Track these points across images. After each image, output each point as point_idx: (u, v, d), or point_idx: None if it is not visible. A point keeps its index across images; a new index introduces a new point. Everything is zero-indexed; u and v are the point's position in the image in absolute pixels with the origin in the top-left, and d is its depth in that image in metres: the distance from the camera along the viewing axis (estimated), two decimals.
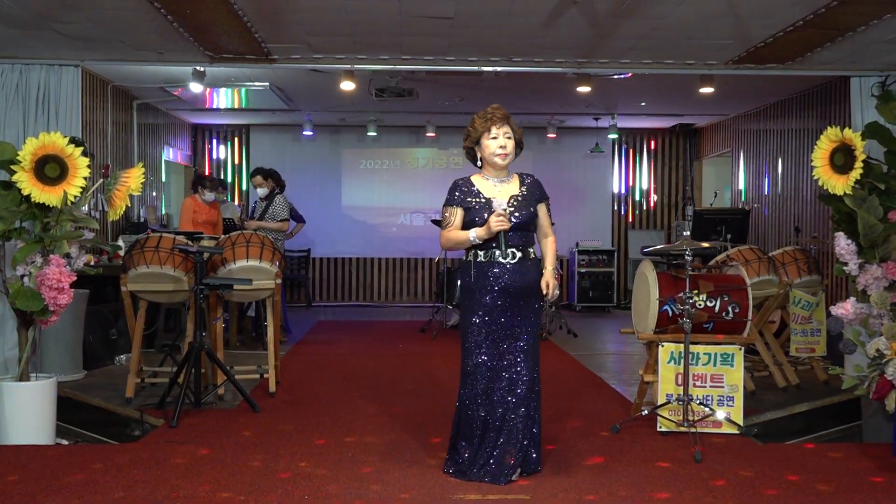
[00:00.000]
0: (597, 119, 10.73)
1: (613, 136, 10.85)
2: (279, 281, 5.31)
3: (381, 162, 11.65)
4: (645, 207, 11.93)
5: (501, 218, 3.35)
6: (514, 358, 3.42)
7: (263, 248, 5.22)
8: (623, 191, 11.89)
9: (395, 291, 11.74)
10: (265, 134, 11.59)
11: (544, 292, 3.43)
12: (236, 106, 9.97)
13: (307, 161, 11.57)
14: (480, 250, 3.44)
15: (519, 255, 3.43)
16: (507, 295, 3.41)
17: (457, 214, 3.45)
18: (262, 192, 7.65)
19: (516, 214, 3.42)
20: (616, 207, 11.88)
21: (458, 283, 3.72)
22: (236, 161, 11.67)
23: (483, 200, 3.45)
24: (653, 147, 11.94)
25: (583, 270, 11.07)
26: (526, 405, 3.42)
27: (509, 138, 3.45)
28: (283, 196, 7.69)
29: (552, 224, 3.61)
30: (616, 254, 11.30)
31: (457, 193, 3.48)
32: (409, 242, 11.48)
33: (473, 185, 3.51)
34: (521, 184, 3.53)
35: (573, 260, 11.18)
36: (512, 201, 3.43)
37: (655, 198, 11.91)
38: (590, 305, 11.08)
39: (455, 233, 3.42)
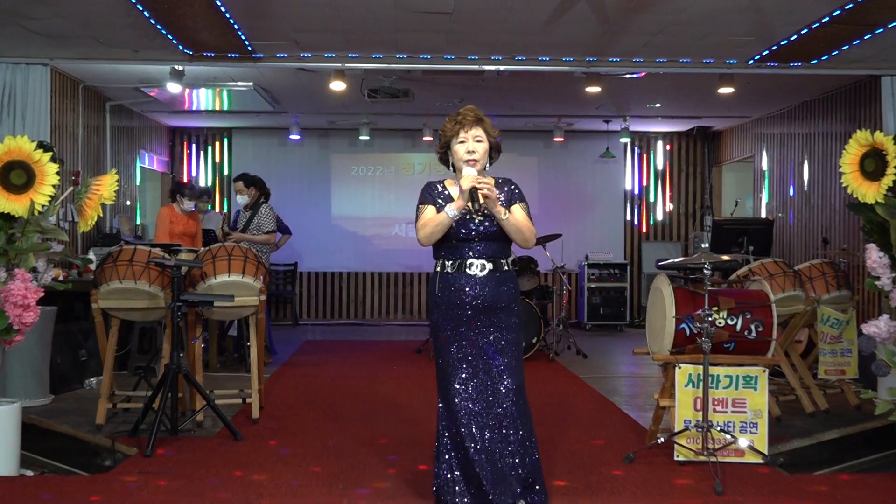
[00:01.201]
0: (607, 122, 10.77)
1: (625, 139, 10.90)
2: (263, 297, 5.30)
3: (374, 168, 11.68)
4: (660, 217, 11.95)
5: (471, 172, 3.37)
6: (496, 380, 3.40)
7: (246, 262, 5.23)
8: (636, 199, 11.92)
9: (389, 309, 11.74)
10: (249, 138, 11.63)
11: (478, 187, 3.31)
12: (217, 108, 10.01)
13: (294, 167, 11.60)
14: (448, 260, 3.45)
15: (490, 266, 3.43)
16: (477, 310, 3.41)
17: (430, 210, 3.46)
18: (244, 200, 7.66)
19: (486, 224, 3.43)
20: (629, 217, 11.90)
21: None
22: (217, 167, 11.69)
23: None
24: (668, 152, 11.98)
25: (593, 286, 11.07)
26: (515, 430, 3.39)
27: (479, 142, 3.46)
28: (268, 205, 7.70)
29: (531, 220, 3.54)
30: (629, 268, 11.32)
31: (428, 193, 3.52)
32: (404, 255, 11.49)
33: (446, 189, 3.54)
34: (499, 190, 3.53)
35: (582, 274, 11.19)
36: (484, 208, 3.45)
37: (671, 207, 11.94)
38: (600, 324, 11.08)
39: (430, 218, 3.42)
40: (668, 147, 11.98)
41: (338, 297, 11.74)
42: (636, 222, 11.92)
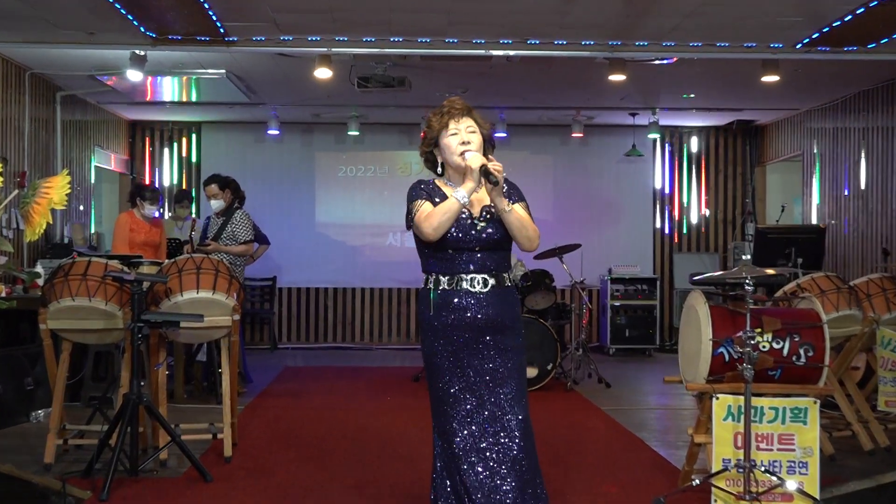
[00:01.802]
0: (634, 115, 10.80)
1: (654, 135, 10.93)
2: (237, 317, 5.31)
3: (365, 168, 11.72)
4: (694, 224, 11.97)
5: (470, 151, 3.40)
6: (504, 412, 3.41)
7: (218, 276, 5.24)
8: (667, 204, 11.94)
9: (381, 330, 11.75)
10: (220, 133, 11.67)
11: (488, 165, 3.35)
12: (184, 99, 10.04)
13: (272, 167, 11.63)
14: (443, 275, 3.46)
15: (491, 281, 3.45)
16: (477, 331, 3.43)
17: (428, 205, 3.47)
18: (217, 205, 7.68)
19: (489, 230, 3.45)
20: (658, 225, 11.92)
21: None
22: (185, 167, 11.73)
23: None
24: (704, 150, 12.00)
25: (617, 304, 11.08)
26: (525, 470, 3.39)
27: (473, 132, 3.49)
28: (244, 211, 7.72)
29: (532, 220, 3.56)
30: (659, 283, 11.32)
31: (421, 190, 3.54)
32: (399, 269, 11.52)
33: (439, 188, 3.56)
34: None
35: (605, 291, 11.20)
36: (484, 213, 3.47)
37: (707, 213, 11.96)
38: (626, 348, 11.08)
39: (437, 208, 3.42)
40: (703, 144, 12.00)
41: (322, 317, 11.76)
42: (667, 231, 11.93)
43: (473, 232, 3.43)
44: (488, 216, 3.46)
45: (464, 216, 3.43)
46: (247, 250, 7.62)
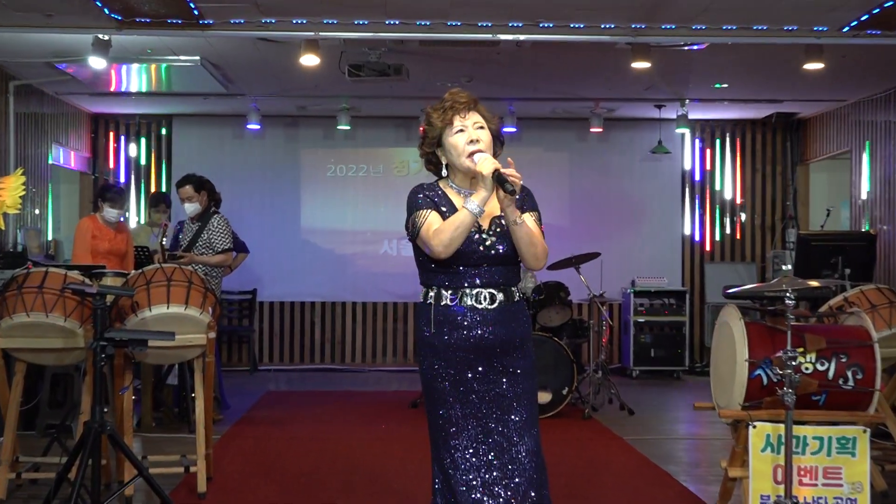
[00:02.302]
0: (660, 107, 10.82)
1: (683, 130, 10.93)
2: (213, 335, 5.32)
3: (357, 167, 11.73)
4: (728, 231, 11.97)
5: (486, 155, 3.38)
6: (513, 442, 3.42)
7: (191, 289, 5.25)
8: (697, 208, 11.95)
9: (375, 350, 11.75)
10: (194, 128, 11.69)
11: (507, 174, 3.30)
12: (153, 89, 10.06)
13: (252, 166, 11.65)
14: (446, 289, 3.46)
15: (499, 296, 3.46)
16: (483, 352, 3.43)
17: (434, 216, 3.45)
18: (192, 209, 7.68)
19: (498, 247, 3.45)
20: (688, 231, 11.92)
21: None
22: (154, 165, 11.74)
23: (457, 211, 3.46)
24: (739, 146, 12.02)
25: (641, 320, 11.08)
26: None
27: (481, 128, 3.48)
28: (221, 216, 7.73)
29: (542, 235, 3.54)
30: (688, 296, 11.32)
31: (423, 196, 3.51)
32: (395, 281, 11.52)
33: (440, 190, 3.55)
34: None
35: (627, 306, 11.20)
36: (494, 227, 3.47)
37: (743, 217, 11.96)
38: (651, 370, 11.07)
39: (447, 222, 3.39)
40: (738, 140, 12.01)
41: (309, 335, 11.75)
42: (697, 238, 11.93)
43: (481, 248, 3.43)
44: (499, 230, 3.46)
45: (472, 230, 3.41)
46: (224, 260, 7.62)
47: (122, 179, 11.62)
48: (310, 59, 7.49)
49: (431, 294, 3.51)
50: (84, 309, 5.07)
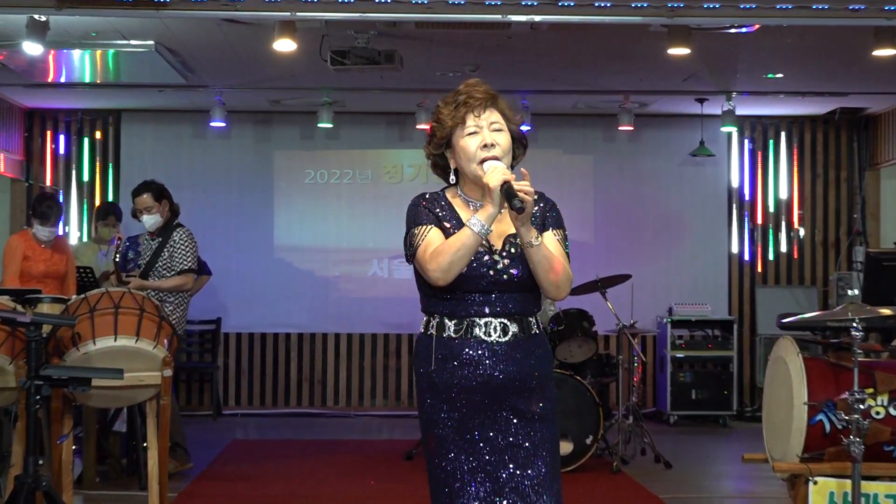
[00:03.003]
0: (702, 101, 10.83)
1: (729, 128, 10.93)
2: (169, 373, 5.31)
3: (342, 172, 11.73)
4: (784, 249, 11.96)
5: (498, 164, 3.38)
6: (524, 501, 3.41)
7: (143, 318, 5.25)
8: (747, 221, 11.94)
9: (363, 391, 11.72)
10: (147, 125, 11.69)
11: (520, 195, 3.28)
12: (100, 80, 10.07)
13: (216, 171, 11.64)
14: (450, 318, 3.47)
15: (513, 328, 3.46)
16: (493, 393, 3.43)
17: (435, 233, 3.46)
18: (152, 221, 7.66)
19: (512, 271, 3.44)
20: (736, 249, 11.91)
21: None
22: (99, 170, 11.73)
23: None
24: (796, 148, 12.02)
25: (680, 356, 11.05)
26: None
27: (498, 130, 3.48)
28: (186, 230, 7.68)
29: (567, 259, 3.54)
30: (736, 327, 11.30)
31: (424, 209, 3.51)
32: (387, 308, 11.50)
33: (444, 200, 3.56)
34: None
35: (663, 338, 11.17)
36: (507, 248, 3.47)
37: (802, 233, 11.95)
38: (692, 415, 11.04)
39: (447, 243, 3.39)
40: (795, 140, 12.02)
41: (283, 373, 11.71)
42: (747, 257, 11.91)
43: (492, 273, 3.43)
44: (513, 251, 3.47)
45: (480, 250, 3.42)
46: (182, 284, 7.54)
47: (61, 187, 11.60)
48: (285, 45, 7.50)
49: (433, 324, 3.51)
50: (15, 342, 5.07)
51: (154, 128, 11.69)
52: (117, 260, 7.61)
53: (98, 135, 11.74)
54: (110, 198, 11.34)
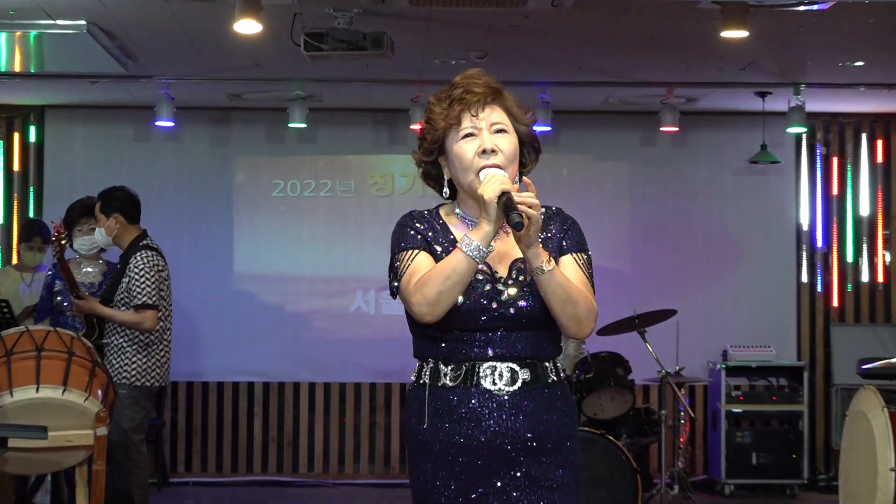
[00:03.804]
0: (763, 96, 10.83)
1: (798, 129, 10.93)
2: (103, 431, 5.31)
3: (318, 183, 11.71)
4: (866, 278, 11.96)
5: (496, 172, 3.37)
6: None
7: (71, 363, 5.25)
8: (821, 244, 11.94)
9: (344, 454, 11.69)
10: (77, 125, 11.69)
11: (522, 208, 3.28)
12: (20, 68, 10.10)
13: (164, 181, 11.63)
14: (445, 363, 3.47)
15: (523, 374, 3.46)
16: (500, 456, 3.44)
17: (422, 258, 3.47)
18: (103, 240, 7.73)
19: (522, 303, 3.44)
20: (806, 279, 11.90)
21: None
22: (17, 176, 11.74)
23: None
24: (881, 152, 12.02)
25: (737, 410, 11.02)
26: None
27: (501, 132, 3.49)
28: (145, 255, 7.53)
29: (592, 288, 3.54)
30: (806, 375, 11.28)
31: (411, 232, 3.52)
32: (374, 350, 11.47)
33: (438, 219, 3.58)
34: (543, 227, 3.52)
35: (716, 388, 11.14)
36: (514, 273, 3.47)
37: (888, 258, 11.96)
38: (753, 483, 11.02)
39: (434, 270, 3.39)
40: (880, 143, 12.03)
41: (245, 432, 11.67)
42: (820, 287, 11.91)
43: (494, 305, 3.43)
44: (521, 278, 3.47)
45: (480, 277, 3.43)
46: (139, 322, 7.38)
47: None
48: (248, 26, 7.53)
49: (426, 371, 3.52)
50: None
51: (86, 129, 11.68)
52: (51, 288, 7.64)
53: (16, 136, 11.76)
54: (31, 213, 11.34)
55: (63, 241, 7.43)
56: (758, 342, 11.35)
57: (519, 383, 3.44)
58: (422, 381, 3.51)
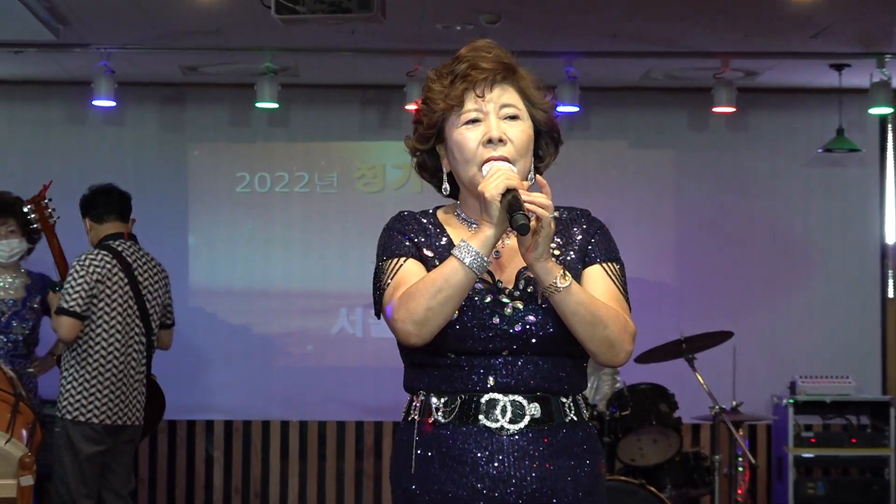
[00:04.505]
0: (839, 69, 10.84)
1: (882, 109, 10.93)
2: (29, 481, 5.30)
3: (292, 177, 11.74)
4: None
5: (496, 163, 3.38)
6: None
7: None
8: None
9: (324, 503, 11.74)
10: (1, 104, 11.74)
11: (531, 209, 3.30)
12: None
13: (103, 171, 11.61)
14: (438, 396, 3.48)
15: (532, 409, 3.46)
16: None
17: (410, 266, 3.49)
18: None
19: (531, 319, 3.44)
20: (892, 294, 11.90)
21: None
22: None
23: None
24: None
25: (808, 455, 11.04)
26: None
27: (513, 118, 3.50)
28: (79, 258, 7.73)
29: (627, 303, 3.55)
30: (893, 412, 11.28)
31: (399, 237, 3.54)
32: (362, 381, 11.54)
33: (433, 221, 3.61)
34: (561, 233, 3.59)
35: (782, 427, 11.16)
36: (522, 284, 3.47)
37: None
38: None
39: (423, 281, 3.39)
40: None
41: (203, 481, 11.72)
42: None
43: (496, 321, 3.43)
44: (529, 290, 3.47)
45: (480, 287, 3.43)
46: (54, 329, 7.56)
47: None
48: None
49: (415, 406, 3.54)
50: None
51: (10, 108, 11.77)
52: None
53: None
54: None
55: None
56: (834, 372, 11.37)
57: (526, 420, 3.45)
58: (410, 419, 3.54)
